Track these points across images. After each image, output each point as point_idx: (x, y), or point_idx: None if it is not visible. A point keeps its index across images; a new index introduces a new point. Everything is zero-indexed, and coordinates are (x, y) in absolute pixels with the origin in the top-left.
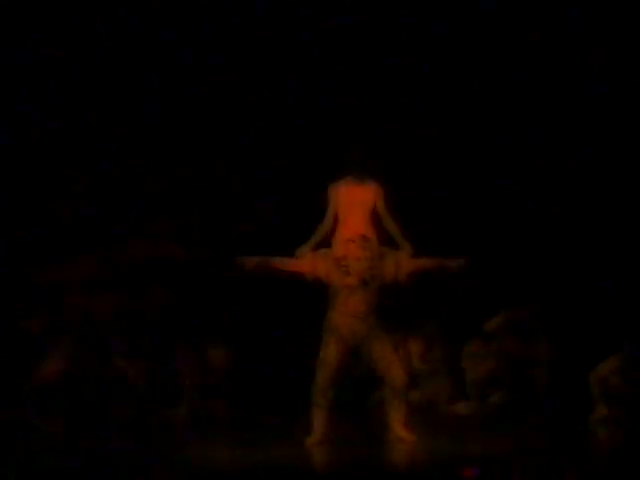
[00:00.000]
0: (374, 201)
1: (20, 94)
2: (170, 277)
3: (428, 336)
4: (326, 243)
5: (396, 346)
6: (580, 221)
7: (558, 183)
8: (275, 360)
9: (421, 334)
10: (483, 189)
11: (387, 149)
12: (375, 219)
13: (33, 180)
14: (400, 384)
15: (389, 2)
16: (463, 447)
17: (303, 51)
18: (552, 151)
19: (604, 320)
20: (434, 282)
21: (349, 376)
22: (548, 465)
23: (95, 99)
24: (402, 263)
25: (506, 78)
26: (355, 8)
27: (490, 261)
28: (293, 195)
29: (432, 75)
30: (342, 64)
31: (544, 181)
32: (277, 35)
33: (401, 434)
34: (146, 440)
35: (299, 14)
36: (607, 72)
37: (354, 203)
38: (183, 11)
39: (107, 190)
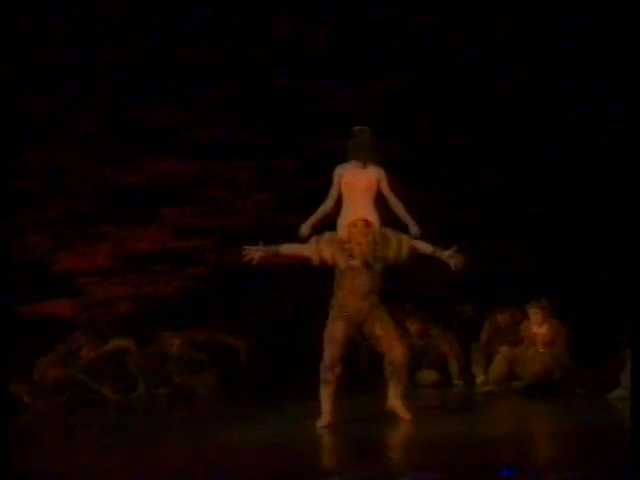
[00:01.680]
0: (377, 185)
1: None
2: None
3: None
4: (331, 226)
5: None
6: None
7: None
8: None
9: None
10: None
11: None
12: (379, 202)
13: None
14: (401, 361)
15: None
16: (467, 425)
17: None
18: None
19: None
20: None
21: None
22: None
23: None
24: (403, 244)
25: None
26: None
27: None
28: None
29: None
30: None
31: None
32: None
33: (398, 411)
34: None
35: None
36: None
37: (357, 187)
38: None
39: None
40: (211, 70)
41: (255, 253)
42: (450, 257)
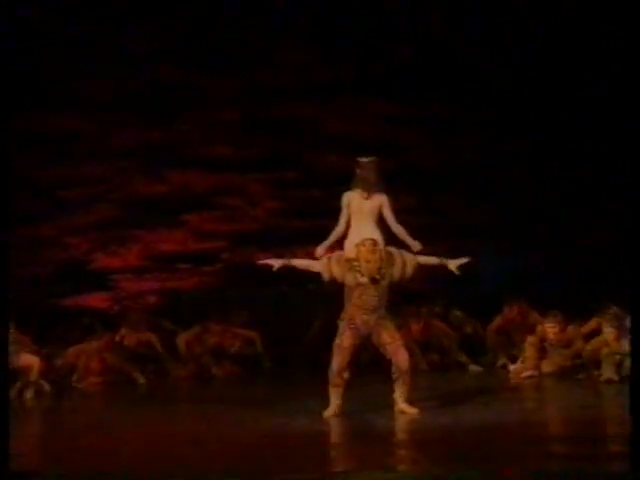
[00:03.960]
0: (380, 209)
1: None
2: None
3: (425, 317)
4: (339, 245)
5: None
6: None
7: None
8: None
9: (419, 316)
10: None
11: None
12: (382, 224)
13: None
14: (405, 366)
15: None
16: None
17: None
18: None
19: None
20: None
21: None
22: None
23: None
24: (408, 262)
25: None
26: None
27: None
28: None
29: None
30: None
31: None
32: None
33: (404, 408)
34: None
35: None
36: None
37: (363, 212)
38: None
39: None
40: (227, 95)
41: (272, 263)
42: (455, 266)
